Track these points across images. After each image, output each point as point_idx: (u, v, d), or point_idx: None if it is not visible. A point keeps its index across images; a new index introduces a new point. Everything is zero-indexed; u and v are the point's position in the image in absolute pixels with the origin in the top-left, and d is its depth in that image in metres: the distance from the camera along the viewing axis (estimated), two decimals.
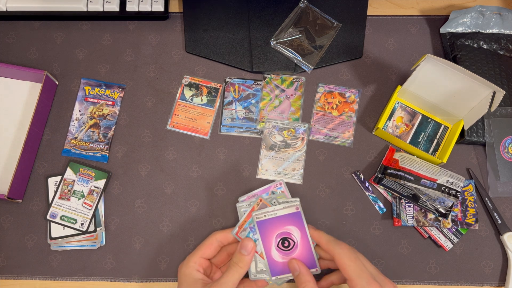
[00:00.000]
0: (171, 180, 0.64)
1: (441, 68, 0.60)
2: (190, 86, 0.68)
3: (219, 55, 0.68)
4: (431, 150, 0.65)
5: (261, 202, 0.57)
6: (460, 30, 0.69)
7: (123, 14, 0.69)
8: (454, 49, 0.68)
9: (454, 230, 0.61)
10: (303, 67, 0.68)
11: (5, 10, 0.68)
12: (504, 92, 0.56)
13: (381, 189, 0.64)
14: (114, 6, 0.68)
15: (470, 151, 0.65)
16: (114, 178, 0.64)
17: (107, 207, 0.63)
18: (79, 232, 0.60)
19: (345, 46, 0.69)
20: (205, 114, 0.66)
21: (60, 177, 0.63)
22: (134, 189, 0.63)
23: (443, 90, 0.62)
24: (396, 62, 0.69)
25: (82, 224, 0.61)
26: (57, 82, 0.67)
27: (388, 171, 0.62)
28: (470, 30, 0.69)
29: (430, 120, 0.66)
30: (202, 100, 0.67)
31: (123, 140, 0.65)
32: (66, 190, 0.62)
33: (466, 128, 0.63)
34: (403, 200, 0.61)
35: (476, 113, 0.61)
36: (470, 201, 0.62)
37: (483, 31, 0.68)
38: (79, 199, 0.61)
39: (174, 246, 0.62)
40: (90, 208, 0.61)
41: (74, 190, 0.62)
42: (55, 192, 0.62)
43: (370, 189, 0.63)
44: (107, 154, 0.64)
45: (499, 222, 0.62)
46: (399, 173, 0.61)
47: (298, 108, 0.67)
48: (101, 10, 0.68)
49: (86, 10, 0.68)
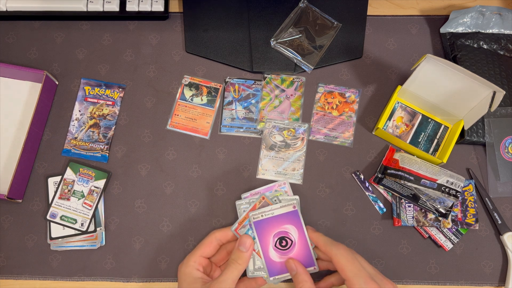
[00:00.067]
0: (171, 180, 0.64)
1: (441, 68, 0.60)
2: (190, 86, 0.68)
3: (219, 55, 0.68)
4: (431, 150, 0.65)
5: (263, 200, 0.57)
6: (460, 30, 0.69)
7: (123, 14, 0.69)
8: (454, 49, 0.68)
9: (454, 230, 0.61)
10: (303, 67, 0.68)
11: (5, 10, 0.68)
12: (504, 92, 0.56)
13: (381, 189, 0.64)
14: (114, 6, 0.68)
15: (470, 151, 0.65)
16: (114, 178, 0.64)
17: (107, 207, 0.63)
18: (79, 232, 0.60)
19: (345, 46, 0.69)
20: (205, 114, 0.66)
21: (60, 177, 0.63)
22: (134, 189, 0.63)
23: (443, 90, 0.62)
24: (396, 62, 0.69)
25: (82, 224, 0.61)
26: (57, 82, 0.67)
27: (388, 171, 0.62)
28: (470, 30, 0.68)
29: (430, 120, 0.66)
30: (202, 100, 0.67)
31: (123, 140, 0.65)
32: (66, 190, 0.62)
33: (466, 128, 0.63)
34: (403, 200, 0.61)
35: (476, 113, 0.61)
36: (470, 201, 0.62)
37: (483, 31, 0.68)
38: (79, 199, 0.61)
39: (174, 246, 0.62)
40: (90, 208, 0.61)
41: (74, 190, 0.62)
42: (55, 192, 0.62)
43: (370, 189, 0.63)
44: (107, 154, 0.64)
45: (499, 222, 0.62)
46: (399, 173, 0.61)
47: (298, 108, 0.67)
48: (101, 10, 0.68)
49: (86, 10, 0.68)
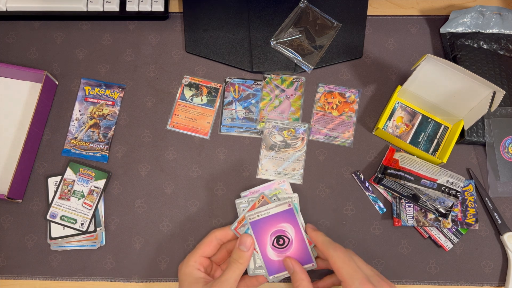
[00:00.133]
0: (171, 180, 0.64)
1: (441, 68, 0.60)
2: (190, 86, 0.68)
3: (219, 55, 0.68)
4: (431, 150, 0.65)
5: (263, 199, 0.57)
6: (460, 30, 0.69)
7: (123, 14, 0.69)
8: (454, 49, 0.68)
9: (454, 230, 0.61)
10: (303, 67, 0.68)
11: (5, 10, 0.68)
12: (504, 92, 0.56)
13: (381, 189, 0.64)
14: (114, 6, 0.68)
15: (470, 151, 0.65)
16: (114, 178, 0.64)
17: (107, 207, 0.63)
18: (79, 232, 0.60)
19: (345, 46, 0.69)
20: (205, 114, 0.66)
21: (60, 177, 0.63)
22: (134, 189, 0.63)
23: (443, 90, 0.62)
24: (396, 62, 0.69)
25: (82, 224, 0.61)
26: (57, 82, 0.67)
27: (388, 171, 0.62)
28: (470, 30, 0.68)
29: (430, 120, 0.66)
30: (202, 100, 0.67)
31: (123, 140, 0.65)
32: (66, 190, 0.62)
33: (466, 128, 0.63)
34: (403, 200, 0.61)
35: (476, 113, 0.61)
36: (470, 201, 0.62)
37: (483, 31, 0.68)
38: (79, 199, 0.61)
39: (174, 246, 0.62)
40: (90, 208, 0.61)
41: (74, 190, 0.62)
42: (55, 192, 0.62)
43: (370, 189, 0.63)
44: (107, 154, 0.64)
45: (499, 222, 0.62)
46: (399, 173, 0.61)
47: (298, 108, 0.67)
48: (101, 10, 0.68)
49: (86, 10, 0.68)
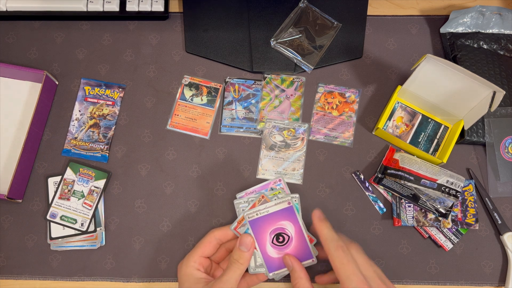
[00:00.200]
0: (171, 180, 0.64)
1: (441, 68, 0.60)
2: (190, 86, 0.68)
3: (219, 55, 0.68)
4: (431, 150, 0.65)
5: (263, 199, 0.57)
6: (460, 30, 0.69)
7: (123, 14, 0.69)
8: (454, 49, 0.68)
9: (454, 230, 0.61)
10: (303, 67, 0.68)
11: (5, 10, 0.68)
12: (504, 92, 0.56)
13: (381, 189, 0.64)
14: (114, 6, 0.68)
15: (470, 151, 0.65)
16: (114, 178, 0.64)
17: (107, 207, 0.63)
18: (79, 232, 0.60)
19: (345, 46, 0.69)
20: (205, 114, 0.66)
21: (60, 177, 0.63)
22: (134, 189, 0.63)
23: (443, 90, 0.62)
24: (396, 62, 0.69)
25: (82, 224, 0.61)
26: (57, 82, 0.67)
27: (388, 171, 0.62)
28: (470, 30, 0.68)
29: (430, 120, 0.66)
30: (202, 100, 0.67)
31: (123, 140, 0.65)
32: (66, 190, 0.62)
33: (466, 128, 0.63)
34: (403, 200, 0.61)
35: (476, 113, 0.61)
36: (470, 201, 0.62)
37: (483, 31, 0.68)
38: (79, 199, 0.61)
39: (174, 246, 0.62)
40: (90, 208, 0.61)
41: (74, 190, 0.62)
42: (55, 192, 0.62)
43: (370, 189, 0.63)
44: (107, 154, 0.64)
45: (499, 222, 0.62)
46: (399, 173, 0.61)
47: (298, 108, 0.67)
48: (101, 10, 0.68)
49: (86, 10, 0.68)
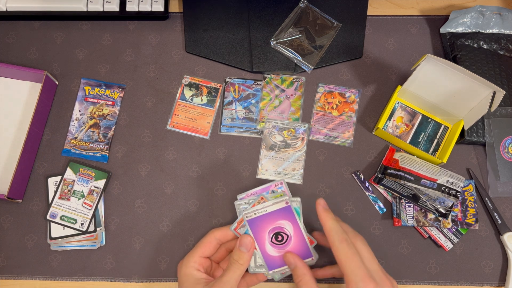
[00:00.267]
0: (171, 180, 0.64)
1: (441, 68, 0.60)
2: (190, 86, 0.68)
3: (219, 55, 0.68)
4: (431, 150, 0.65)
5: (262, 201, 0.57)
6: (460, 30, 0.69)
7: (123, 14, 0.69)
8: (454, 49, 0.68)
9: (454, 230, 0.61)
10: (303, 67, 0.68)
11: (5, 10, 0.68)
12: (504, 92, 0.56)
13: (381, 189, 0.64)
14: (114, 6, 0.68)
15: (470, 151, 0.65)
16: (114, 178, 0.64)
17: (107, 207, 0.63)
18: (79, 232, 0.60)
19: (345, 46, 0.69)
20: (205, 114, 0.66)
21: (60, 177, 0.63)
22: (134, 189, 0.63)
23: (443, 90, 0.62)
24: (396, 62, 0.69)
25: (82, 224, 0.61)
26: (57, 82, 0.67)
27: (388, 171, 0.62)
28: (470, 30, 0.68)
29: (430, 120, 0.66)
30: (202, 100, 0.67)
31: (123, 140, 0.65)
32: (66, 190, 0.62)
33: (466, 128, 0.63)
34: (403, 200, 0.61)
35: (476, 113, 0.61)
36: (470, 201, 0.62)
37: (483, 31, 0.68)
38: (79, 199, 0.61)
39: (174, 246, 0.62)
40: (90, 208, 0.61)
41: (74, 190, 0.62)
42: (55, 192, 0.62)
43: (370, 189, 0.63)
44: (107, 154, 0.64)
45: (499, 222, 0.62)
46: (399, 173, 0.61)
47: (298, 108, 0.67)
48: (101, 10, 0.68)
49: (86, 10, 0.68)
